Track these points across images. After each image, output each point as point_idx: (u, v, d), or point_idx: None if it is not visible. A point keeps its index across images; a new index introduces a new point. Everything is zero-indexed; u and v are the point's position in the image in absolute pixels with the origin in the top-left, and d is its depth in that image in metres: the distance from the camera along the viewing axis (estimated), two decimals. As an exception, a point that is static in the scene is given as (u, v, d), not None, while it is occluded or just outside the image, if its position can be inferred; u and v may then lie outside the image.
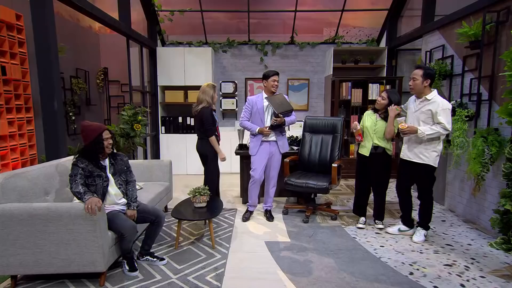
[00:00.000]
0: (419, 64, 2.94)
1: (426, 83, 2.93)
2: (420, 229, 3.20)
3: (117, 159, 2.70)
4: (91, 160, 2.50)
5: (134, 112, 4.60)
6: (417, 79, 2.95)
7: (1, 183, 2.25)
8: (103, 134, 2.50)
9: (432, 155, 2.99)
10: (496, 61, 3.34)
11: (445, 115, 2.87)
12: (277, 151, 3.67)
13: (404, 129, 2.94)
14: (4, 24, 3.65)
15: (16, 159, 3.80)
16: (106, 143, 2.52)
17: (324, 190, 3.55)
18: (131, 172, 2.80)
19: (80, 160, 2.47)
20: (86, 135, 2.50)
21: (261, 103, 3.62)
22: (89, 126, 2.52)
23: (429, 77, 2.92)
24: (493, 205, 3.33)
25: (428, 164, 3.00)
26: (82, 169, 2.44)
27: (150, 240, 2.75)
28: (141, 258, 2.75)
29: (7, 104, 3.71)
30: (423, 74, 2.92)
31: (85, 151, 2.50)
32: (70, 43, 5.09)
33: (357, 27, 6.55)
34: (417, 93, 3.00)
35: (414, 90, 3.00)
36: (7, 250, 2.26)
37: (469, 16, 3.72)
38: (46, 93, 3.11)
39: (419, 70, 2.95)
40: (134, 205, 2.65)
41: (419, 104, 3.03)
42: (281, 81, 6.63)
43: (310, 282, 2.47)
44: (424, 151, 3.00)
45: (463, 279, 2.52)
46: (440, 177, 4.34)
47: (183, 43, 6.58)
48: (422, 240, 3.15)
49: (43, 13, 3.02)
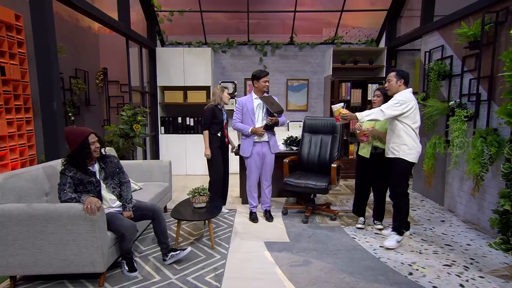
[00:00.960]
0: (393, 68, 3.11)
1: (400, 82, 3.01)
2: (393, 233, 3.10)
3: (107, 162, 2.63)
4: (78, 167, 2.42)
5: (134, 113, 4.60)
6: (391, 80, 3.05)
7: (0, 183, 2.24)
8: (89, 138, 2.43)
9: (402, 149, 2.97)
10: (495, 62, 3.35)
11: (390, 104, 2.92)
12: (268, 151, 3.68)
13: (346, 113, 2.99)
14: (4, 24, 3.64)
15: (16, 160, 3.79)
16: (93, 147, 2.45)
17: (323, 191, 3.55)
18: (124, 173, 2.75)
19: (68, 168, 2.40)
20: (72, 141, 2.41)
21: (251, 104, 3.64)
22: (73, 131, 2.44)
23: (402, 77, 3.01)
24: (492, 205, 3.33)
25: (400, 157, 2.99)
26: (70, 177, 2.38)
27: (162, 237, 2.70)
28: (167, 259, 2.69)
29: (6, 105, 3.71)
30: (396, 74, 3.02)
31: (72, 158, 2.42)
32: (69, 43, 5.09)
33: (357, 27, 6.55)
34: (393, 93, 3.06)
35: (391, 91, 3.08)
36: (6, 250, 2.26)
37: (468, 17, 3.73)
38: (45, 93, 3.10)
39: (392, 72, 3.07)
40: (130, 206, 2.63)
41: None
42: (281, 81, 6.64)
43: (309, 282, 2.47)
44: (394, 145, 3.02)
45: (462, 279, 2.52)
46: (439, 178, 4.35)
47: (183, 44, 6.58)
48: (394, 245, 3.01)
49: (43, 14, 3.02)
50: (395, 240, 3.04)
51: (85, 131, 2.45)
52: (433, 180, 4.44)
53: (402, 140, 2.97)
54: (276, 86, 6.58)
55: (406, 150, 2.97)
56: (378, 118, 2.94)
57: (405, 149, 2.97)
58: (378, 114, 2.92)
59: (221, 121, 3.79)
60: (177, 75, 6.07)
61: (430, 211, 4.12)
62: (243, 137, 3.70)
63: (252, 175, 3.69)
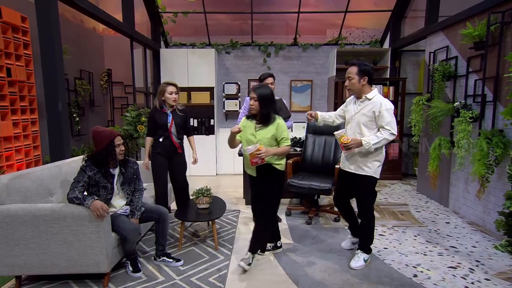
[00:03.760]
0: (353, 60, 2.62)
1: (364, 81, 2.55)
2: (359, 252, 2.76)
3: (128, 167, 2.63)
4: (100, 169, 2.45)
5: (138, 113, 4.62)
6: (352, 78, 2.57)
7: (6, 184, 2.26)
8: (115, 140, 2.45)
9: (374, 165, 2.60)
10: (501, 62, 3.32)
11: (389, 117, 2.49)
12: None
13: (348, 143, 2.50)
14: (10, 26, 3.68)
15: (21, 160, 3.82)
16: (118, 150, 2.47)
17: (327, 192, 3.54)
18: (140, 180, 2.75)
19: (89, 166, 2.42)
20: (98, 141, 2.44)
21: None
22: (101, 132, 2.46)
23: (365, 74, 2.54)
24: (498, 207, 3.30)
25: (369, 175, 2.62)
26: (89, 177, 2.40)
27: (161, 239, 2.73)
28: (158, 259, 2.74)
29: (12, 106, 3.74)
30: (358, 71, 2.54)
31: (96, 158, 2.45)
32: (74, 45, 5.12)
33: (361, 28, 6.53)
34: (355, 93, 2.64)
35: (352, 91, 2.63)
36: (12, 250, 2.27)
37: (474, 17, 3.70)
38: (50, 94, 3.13)
39: (353, 68, 2.57)
40: (138, 214, 2.63)
41: (359, 105, 2.62)
42: (284, 82, 6.63)
43: (313, 283, 2.46)
44: (366, 161, 2.60)
45: (468, 281, 2.50)
46: (444, 179, 4.32)
47: (186, 45, 6.60)
48: (361, 265, 2.70)
49: (48, 15, 3.04)
50: (362, 260, 2.73)
51: (112, 133, 2.47)
52: (438, 181, 4.41)
53: (377, 154, 2.60)
54: (279, 87, 6.57)
55: (377, 166, 2.62)
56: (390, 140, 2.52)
57: (376, 165, 2.62)
58: (391, 137, 2.49)
59: (163, 124, 3.22)
60: (181, 76, 6.08)
61: (435, 212, 4.10)
62: None
63: None
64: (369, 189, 2.68)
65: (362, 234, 2.81)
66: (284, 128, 2.60)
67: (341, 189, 2.92)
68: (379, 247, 3.08)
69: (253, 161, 2.51)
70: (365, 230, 2.77)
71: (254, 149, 2.45)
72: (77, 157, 3.10)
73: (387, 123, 2.48)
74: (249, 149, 2.47)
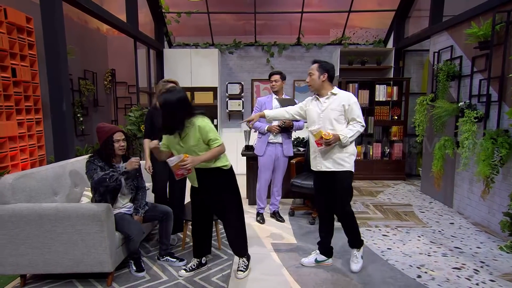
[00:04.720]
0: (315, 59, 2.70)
1: (324, 77, 2.58)
2: (354, 251, 2.69)
3: None
4: (106, 162, 2.52)
5: (141, 113, 4.64)
6: (313, 74, 2.62)
7: (11, 183, 2.28)
8: (114, 135, 2.51)
9: (351, 159, 2.57)
10: (506, 62, 3.30)
11: (358, 109, 2.54)
12: (281, 153, 3.68)
13: (330, 138, 2.44)
14: (15, 26, 3.70)
15: (26, 160, 3.85)
16: (117, 145, 2.52)
17: (330, 192, 3.53)
18: (142, 179, 2.79)
19: (96, 159, 2.50)
20: (99, 137, 2.54)
21: (270, 104, 3.66)
22: (102, 128, 2.56)
23: (325, 71, 2.58)
24: (503, 208, 3.28)
25: (349, 170, 2.57)
26: (99, 167, 2.47)
27: (165, 238, 2.75)
28: (161, 259, 2.75)
29: (17, 106, 3.76)
30: (318, 67, 2.59)
31: (99, 152, 2.54)
32: (78, 45, 5.15)
33: (364, 28, 6.51)
34: (316, 90, 2.65)
35: (313, 87, 2.65)
36: (17, 249, 2.29)
37: (479, 17, 3.68)
38: (55, 94, 3.15)
39: (314, 64, 2.65)
40: (142, 211, 2.66)
41: (325, 101, 2.61)
42: (288, 82, 6.59)
43: (316, 284, 2.46)
44: (343, 156, 2.55)
45: (472, 282, 2.49)
46: (448, 179, 4.29)
47: (190, 45, 6.61)
48: (361, 265, 2.66)
49: (53, 16, 3.06)
50: (360, 258, 2.69)
51: (112, 129, 2.55)
52: (442, 181, 4.39)
53: (351, 147, 2.58)
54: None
55: (353, 159, 2.59)
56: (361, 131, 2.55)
57: (352, 159, 2.58)
58: (362, 129, 2.53)
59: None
60: (184, 76, 6.09)
61: (439, 213, 4.07)
62: (259, 135, 3.73)
63: (263, 177, 3.71)
64: (349, 184, 2.62)
65: (350, 233, 2.71)
66: (208, 129, 2.29)
67: (321, 193, 2.74)
68: (383, 248, 3.07)
69: (178, 173, 2.24)
70: (350, 229, 2.69)
71: (178, 160, 2.19)
72: (81, 157, 3.12)
73: (358, 116, 2.53)
74: (172, 160, 2.19)
